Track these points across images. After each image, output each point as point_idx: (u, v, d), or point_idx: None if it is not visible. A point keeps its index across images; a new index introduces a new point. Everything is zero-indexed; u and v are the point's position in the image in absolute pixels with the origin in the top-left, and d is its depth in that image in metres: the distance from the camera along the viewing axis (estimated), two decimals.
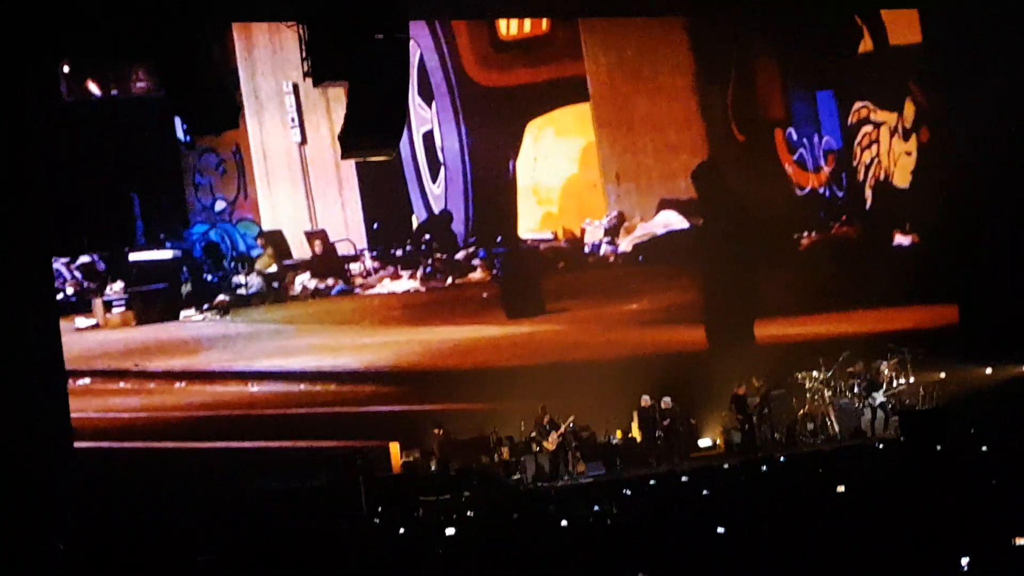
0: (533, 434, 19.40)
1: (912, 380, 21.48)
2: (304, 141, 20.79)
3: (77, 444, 17.94)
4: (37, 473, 16.07)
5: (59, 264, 19.36)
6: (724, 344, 22.04)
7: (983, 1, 21.96)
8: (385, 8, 15.00)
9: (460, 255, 21.72)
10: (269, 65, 20.64)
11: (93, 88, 19.56)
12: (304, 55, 15.22)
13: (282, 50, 20.24)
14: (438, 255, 21.54)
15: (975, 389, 21.46)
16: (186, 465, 18.59)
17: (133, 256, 19.75)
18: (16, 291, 16.84)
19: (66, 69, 19.29)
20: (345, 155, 16.29)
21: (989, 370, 22.17)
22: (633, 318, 22.38)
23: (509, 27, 22.36)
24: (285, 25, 15.97)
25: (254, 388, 20.14)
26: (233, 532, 15.07)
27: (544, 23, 22.50)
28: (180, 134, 19.71)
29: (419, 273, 21.37)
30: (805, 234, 23.77)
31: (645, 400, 20.27)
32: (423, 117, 21.73)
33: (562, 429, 19.31)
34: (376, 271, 21.18)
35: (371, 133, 15.63)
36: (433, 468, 18.85)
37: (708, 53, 23.08)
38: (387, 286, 21.20)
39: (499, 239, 21.96)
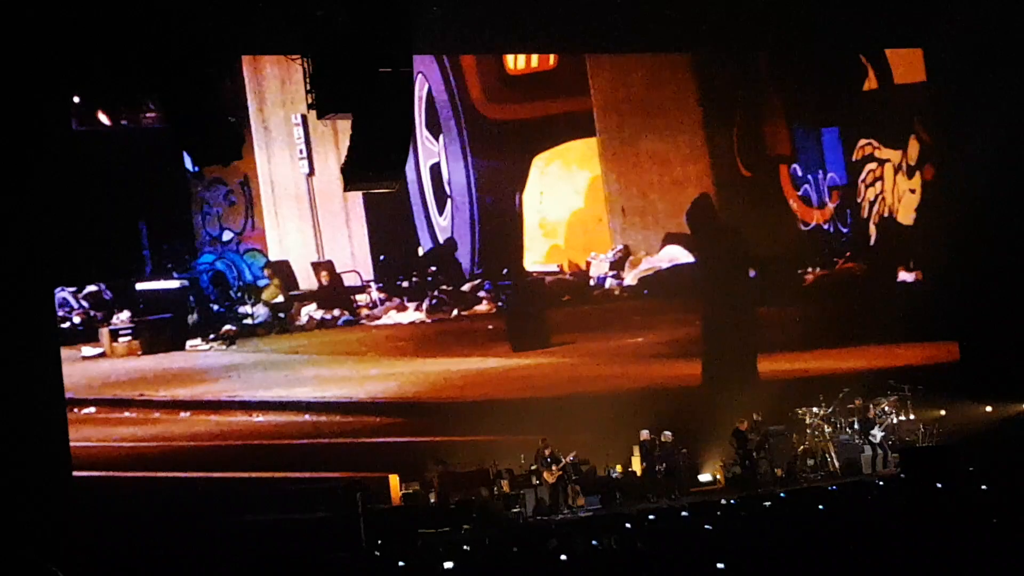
0: (534, 467, 19.21)
1: (912, 417, 21.40)
2: (312, 172, 20.74)
3: (76, 473, 17.79)
4: (35, 502, 15.91)
5: (66, 293, 19.27)
6: (725, 379, 21.88)
7: (987, 41, 21.88)
8: (389, 42, 14.95)
9: (466, 287, 21.65)
10: (278, 97, 20.63)
11: (103, 119, 19.51)
12: (308, 88, 15.18)
13: (291, 82, 20.22)
14: (444, 287, 21.43)
15: (976, 427, 21.27)
16: (188, 495, 18.44)
17: (140, 285, 19.70)
18: (19, 319, 16.72)
19: (76, 100, 19.21)
20: (348, 187, 16.19)
21: (990, 408, 21.99)
22: (637, 351, 22.27)
23: (517, 62, 22.39)
24: (289, 58, 15.93)
25: (258, 418, 20.02)
26: (233, 563, 14.88)
27: (551, 58, 22.51)
28: (188, 164, 19.60)
29: (425, 305, 21.28)
30: (810, 270, 23.69)
31: (645, 434, 20.11)
32: (430, 150, 21.69)
33: (564, 463, 19.12)
34: (382, 302, 21.10)
35: (374, 165, 15.54)
36: (432, 501, 18.65)
37: (714, 90, 23.09)
38: (393, 317, 21.13)
39: (505, 271, 21.89)
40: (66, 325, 19.22)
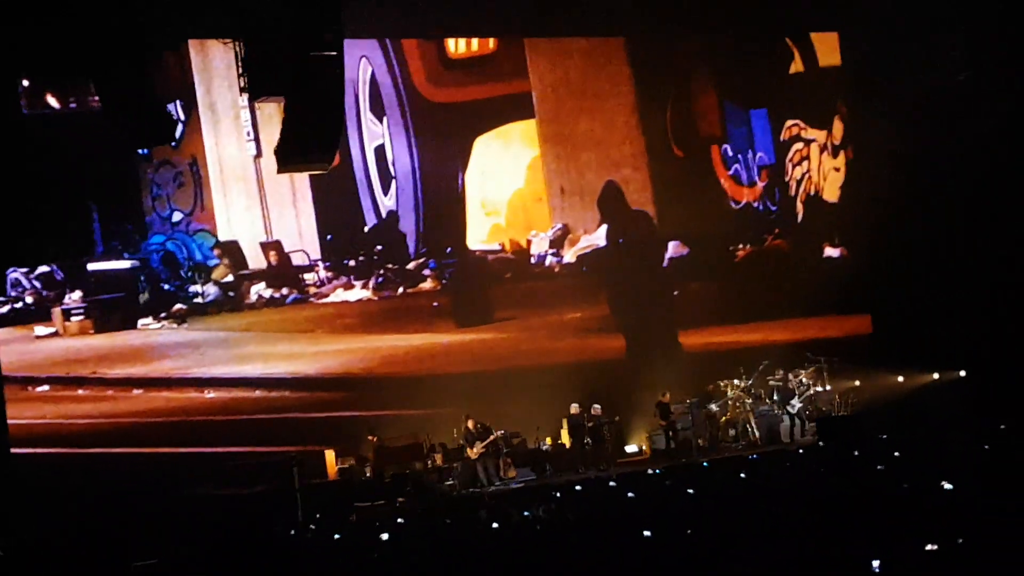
0: (463, 442, 18.75)
1: (829, 387, 21.18)
2: (259, 154, 20.27)
3: (30, 450, 17.25)
4: None
5: (18, 274, 18.78)
6: (648, 353, 21.62)
7: (897, 24, 21.56)
8: (320, 26, 14.41)
9: (411, 265, 21.26)
10: (225, 80, 20.08)
11: (52, 101, 18.89)
12: (240, 71, 14.63)
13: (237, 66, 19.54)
14: (390, 265, 20.97)
15: (888, 396, 21.03)
16: (136, 470, 17.97)
17: (91, 266, 19.31)
18: None
19: (25, 83, 18.55)
20: (281, 168, 15.69)
21: (901, 378, 21.83)
22: (576, 326, 22.05)
23: (457, 46, 21.96)
24: (221, 42, 15.34)
25: (209, 394, 19.61)
26: (171, 538, 14.39)
27: (491, 42, 22.15)
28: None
29: (371, 283, 20.85)
30: (740, 246, 23.42)
31: (574, 408, 19.77)
32: (375, 132, 21.25)
33: (489, 439, 18.54)
34: (329, 281, 20.65)
35: (306, 148, 15.04)
36: (368, 475, 18.14)
37: (648, 73, 22.80)
38: (340, 295, 20.78)
39: (449, 250, 21.52)
40: (19, 305, 18.61)
